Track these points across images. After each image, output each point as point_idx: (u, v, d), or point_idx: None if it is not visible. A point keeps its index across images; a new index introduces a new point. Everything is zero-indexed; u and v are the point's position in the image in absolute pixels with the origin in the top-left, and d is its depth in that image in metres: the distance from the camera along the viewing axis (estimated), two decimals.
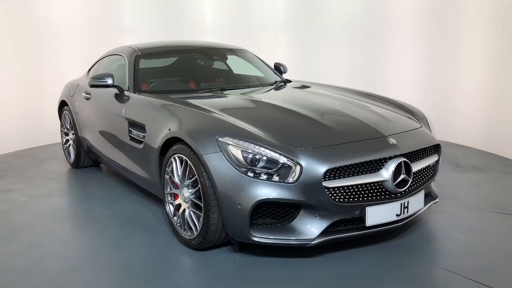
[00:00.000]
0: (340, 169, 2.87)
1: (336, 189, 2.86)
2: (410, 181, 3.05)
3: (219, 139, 2.95)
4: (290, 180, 2.82)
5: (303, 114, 3.35)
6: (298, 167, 2.83)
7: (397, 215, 3.02)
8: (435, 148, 3.43)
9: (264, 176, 2.83)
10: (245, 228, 2.86)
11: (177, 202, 3.29)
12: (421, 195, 3.19)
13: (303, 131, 3.14)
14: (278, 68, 5.10)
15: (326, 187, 2.82)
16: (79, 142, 5.09)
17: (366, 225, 2.94)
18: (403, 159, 3.01)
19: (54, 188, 4.66)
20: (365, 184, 2.93)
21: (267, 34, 7.56)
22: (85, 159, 5.19)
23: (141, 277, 2.86)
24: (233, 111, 3.43)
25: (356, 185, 2.90)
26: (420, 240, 3.27)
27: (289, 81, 4.82)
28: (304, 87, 4.50)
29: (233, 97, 3.87)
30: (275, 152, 2.86)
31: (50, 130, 6.62)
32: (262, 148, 2.88)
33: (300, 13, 7.59)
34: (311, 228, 2.88)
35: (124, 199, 4.24)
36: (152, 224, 3.64)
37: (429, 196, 3.46)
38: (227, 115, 3.28)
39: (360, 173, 2.92)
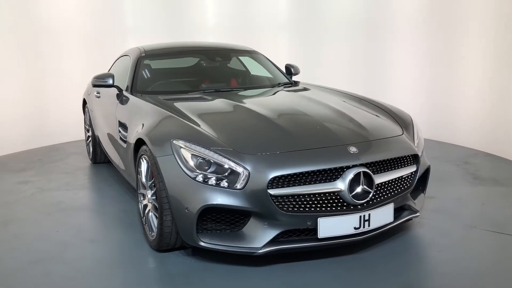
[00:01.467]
0: (289, 177, 2.77)
1: (284, 197, 2.76)
2: (372, 193, 2.87)
3: (173, 142, 2.95)
4: (238, 186, 2.76)
5: (273, 121, 3.25)
6: (245, 173, 2.76)
7: (355, 228, 2.85)
8: (414, 159, 3.20)
9: (213, 181, 2.79)
10: (193, 232, 2.84)
11: (144, 202, 3.33)
12: (388, 208, 2.99)
13: (264, 137, 3.06)
14: (289, 70, 5.01)
15: (272, 195, 2.73)
16: (95, 139, 5.32)
17: (319, 237, 2.81)
18: (362, 169, 2.84)
19: (64, 182, 4.90)
20: (318, 193, 2.80)
21: (269, 35, 7.52)
22: (100, 155, 5.41)
23: (94, 272, 2.94)
24: (205, 115, 3.39)
25: (307, 194, 2.78)
26: (389, 255, 3.06)
27: (295, 83, 4.70)
28: (301, 90, 4.37)
29: (217, 101, 3.81)
30: (223, 157, 2.82)
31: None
32: (212, 153, 2.84)
33: (301, 14, 7.63)
34: (259, 236, 2.80)
35: (123, 196, 4.37)
36: (134, 223, 3.72)
37: (409, 210, 3.24)
38: (197, 118, 3.27)
39: (313, 182, 2.80)
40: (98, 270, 2.99)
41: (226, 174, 2.79)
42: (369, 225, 2.89)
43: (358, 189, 2.83)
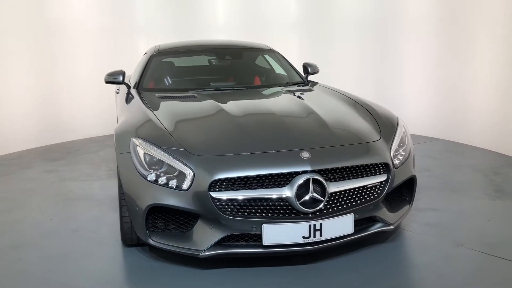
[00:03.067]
0: (232, 180, 2.71)
1: (228, 201, 2.71)
2: (323, 202, 2.73)
3: (132, 139, 3.01)
4: (184, 187, 2.76)
5: (240, 123, 3.19)
6: (191, 175, 2.75)
7: (304, 238, 2.73)
8: (385, 168, 2.98)
9: (163, 181, 2.81)
10: (143, 230, 2.88)
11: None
12: (346, 219, 2.82)
13: (221, 139, 3.03)
14: (306, 69, 4.87)
15: (214, 198, 2.70)
16: None
17: (264, 244, 2.72)
18: (312, 176, 2.71)
19: (86, 173, 5.18)
20: (265, 199, 2.71)
21: (278, 34, 7.39)
22: None
23: (58, 261, 3.09)
24: (180, 115, 3.40)
25: (252, 199, 2.71)
26: (348, 268, 2.89)
27: (307, 83, 4.56)
28: (305, 90, 4.23)
29: (205, 102, 3.73)
30: (173, 157, 2.83)
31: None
32: (163, 153, 2.86)
33: (311, 13, 7.60)
34: (205, 239, 2.78)
35: None
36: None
37: (382, 222, 3.03)
38: (169, 118, 3.29)
39: (260, 187, 2.72)
40: (64, 259, 3.13)
41: (175, 174, 2.80)
42: (320, 235, 2.75)
43: (307, 197, 2.70)
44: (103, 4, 7.25)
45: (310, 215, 2.74)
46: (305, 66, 4.89)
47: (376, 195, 2.95)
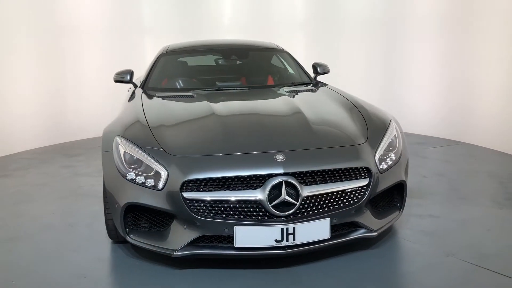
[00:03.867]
0: (205, 181, 2.70)
1: (200, 201, 2.71)
2: (296, 205, 2.68)
3: (116, 138, 3.06)
4: (159, 186, 2.78)
5: (223, 124, 3.18)
6: (165, 174, 2.77)
7: (277, 241, 2.69)
8: (367, 172, 2.89)
9: (141, 180, 2.84)
10: (121, 227, 2.93)
11: None
12: (322, 223, 2.76)
13: (200, 140, 3.04)
14: (315, 68, 4.80)
15: (186, 199, 2.70)
16: None
17: (235, 246, 2.71)
18: (285, 178, 2.66)
19: (98, 169, 5.28)
20: (237, 201, 2.69)
21: (285, 34, 7.30)
22: None
23: (46, 255, 3.19)
24: (168, 115, 3.43)
25: (225, 200, 2.69)
26: (326, 274, 2.83)
27: (314, 83, 4.48)
28: (307, 91, 4.17)
29: (200, 103, 3.72)
30: (150, 156, 2.85)
31: None
32: (142, 152, 2.90)
33: (318, 13, 7.57)
34: (179, 239, 2.79)
35: None
36: None
37: (364, 228, 2.94)
38: (157, 117, 3.33)
39: (233, 188, 2.70)
40: (50, 253, 3.22)
41: (152, 174, 2.82)
42: (294, 239, 2.70)
43: (279, 200, 2.66)
44: (111, 3, 7.31)
45: (283, 218, 2.70)
46: (315, 66, 4.82)
47: (356, 200, 2.86)
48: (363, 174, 2.88)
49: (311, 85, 4.41)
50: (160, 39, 6.62)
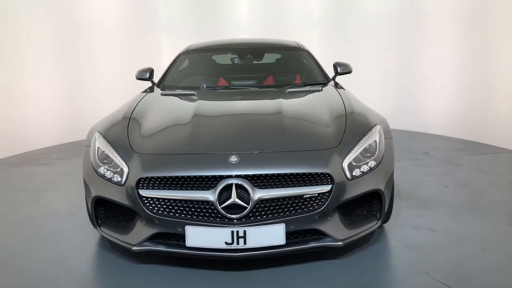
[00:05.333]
0: (159, 179, 2.74)
1: (154, 199, 2.76)
2: (248, 208, 2.64)
3: (95, 134, 3.20)
4: (122, 182, 2.86)
5: (198, 124, 3.18)
6: (126, 171, 2.85)
7: (227, 244, 2.66)
8: (330, 178, 2.76)
9: (109, 175, 2.95)
10: (93, 219, 3.06)
11: None
12: (275, 228, 2.68)
13: (168, 139, 3.08)
14: (335, 68, 4.67)
15: (142, 196, 2.76)
16: None
17: (187, 245, 2.72)
18: (235, 181, 2.63)
19: None
20: (190, 201, 2.70)
21: (302, 33, 7.13)
22: None
23: (36, 239, 3.42)
24: (155, 112, 3.50)
25: (178, 199, 2.72)
26: (272, 281, 2.75)
27: (324, 83, 4.36)
28: (312, 91, 4.06)
29: (196, 102, 3.74)
30: (117, 153, 2.95)
31: None
32: (111, 149, 3.00)
33: (334, 12, 7.47)
34: (138, 234, 2.86)
35: None
36: None
37: (328, 237, 2.82)
38: (144, 114, 3.43)
39: (187, 188, 2.72)
40: (41, 239, 3.44)
41: (118, 170, 2.92)
42: (245, 243, 2.66)
43: (229, 202, 2.63)
44: (128, 3, 7.45)
45: (235, 221, 2.67)
46: (335, 66, 4.68)
47: (316, 207, 2.75)
48: (324, 180, 2.76)
49: (321, 85, 4.28)
50: (176, 39, 6.78)
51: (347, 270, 2.86)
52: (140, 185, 2.77)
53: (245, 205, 2.64)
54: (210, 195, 2.66)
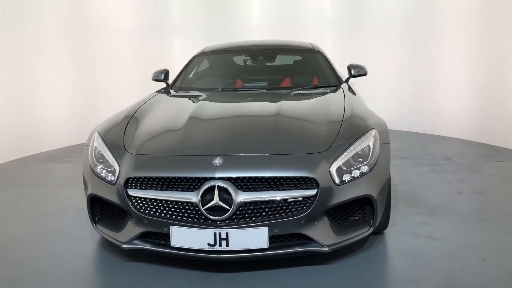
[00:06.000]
0: (146, 179, 2.79)
1: (142, 199, 2.81)
2: (230, 210, 2.64)
3: (95, 133, 3.29)
4: (114, 181, 2.93)
5: (193, 126, 3.22)
6: (117, 171, 2.92)
7: (210, 245, 2.68)
8: (315, 182, 2.72)
9: (103, 174, 3.03)
10: (90, 216, 3.15)
11: None
12: (258, 231, 2.67)
13: (159, 140, 3.12)
14: (349, 70, 4.60)
15: (130, 195, 2.82)
16: None
17: (171, 245, 2.76)
18: (217, 183, 2.64)
19: None
20: (175, 201, 2.74)
21: (314, 34, 7.01)
22: None
23: (41, 234, 3.56)
24: (155, 113, 3.57)
25: (164, 200, 2.76)
26: (256, 283, 2.74)
27: (335, 86, 4.31)
28: (307, 94, 4.02)
29: (199, 103, 3.79)
30: (111, 153, 3.03)
31: None
32: (106, 148, 3.08)
33: (347, 13, 7.44)
34: (128, 232, 2.92)
35: None
36: None
37: (314, 242, 2.79)
38: (145, 114, 3.51)
39: (172, 189, 2.75)
40: (45, 233, 3.58)
41: (111, 169, 2.99)
42: (227, 245, 2.67)
43: (211, 204, 2.65)
44: (142, 6, 7.49)
45: (218, 222, 2.68)
46: (349, 68, 4.61)
47: (301, 211, 2.71)
48: (309, 185, 2.72)
49: (332, 88, 4.22)
50: (188, 40, 6.82)
51: (335, 276, 2.82)
52: (129, 184, 2.83)
53: (228, 207, 2.65)
54: (194, 197, 2.69)
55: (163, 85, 4.79)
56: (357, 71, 4.56)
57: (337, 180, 2.79)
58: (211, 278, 2.82)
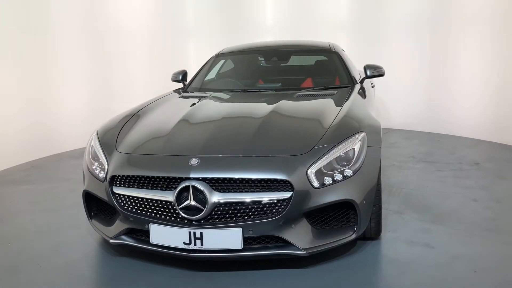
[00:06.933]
0: (128, 177, 2.89)
1: (125, 196, 2.91)
2: (204, 210, 2.69)
3: (94, 132, 3.44)
4: (103, 179, 3.06)
5: (185, 126, 3.31)
6: (106, 168, 3.04)
7: (185, 244, 2.74)
8: (290, 185, 2.70)
9: (96, 171, 3.17)
10: (86, 212, 3.30)
11: None
12: (232, 232, 2.70)
13: (149, 139, 3.20)
14: (365, 71, 4.52)
15: (115, 193, 2.94)
16: None
17: (151, 242, 2.84)
18: (192, 183, 2.70)
19: None
20: (153, 200, 2.82)
21: (328, 35, 6.80)
22: None
23: (48, 224, 3.77)
24: (155, 112, 3.69)
25: (145, 198, 2.85)
26: (230, 283, 2.76)
27: (347, 87, 4.25)
28: (312, 95, 3.99)
29: (201, 102, 3.93)
30: (103, 151, 3.16)
31: None
32: (99, 146, 3.22)
33: (362, 14, 7.35)
34: (116, 228, 3.04)
35: None
36: None
37: (291, 245, 2.77)
38: (144, 113, 3.65)
39: (152, 188, 2.84)
40: (52, 225, 3.79)
41: (102, 167, 3.12)
42: (202, 244, 2.72)
43: (185, 203, 2.70)
44: (156, 8, 7.53)
45: (194, 222, 2.73)
46: (365, 69, 4.52)
47: (276, 213, 2.71)
48: (284, 187, 2.71)
49: (342, 89, 4.16)
50: (202, 41, 6.87)
51: (311, 280, 2.79)
52: (114, 182, 2.94)
53: (202, 207, 2.69)
54: (170, 196, 2.75)
55: (179, 85, 4.91)
56: (373, 71, 4.46)
57: (315, 184, 2.75)
58: (188, 276, 2.87)
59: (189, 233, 2.72)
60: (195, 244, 2.73)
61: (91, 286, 2.86)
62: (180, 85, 4.93)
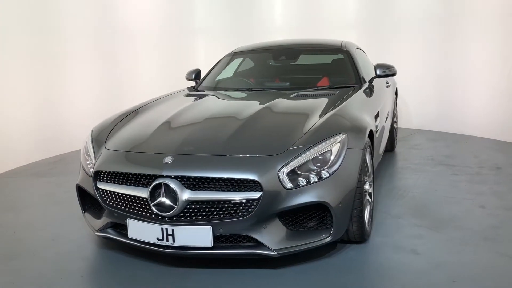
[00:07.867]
0: (110, 173, 2.99)
1: (107, 192, 3.02)
2: (175, 208, 2.74)
3: (90, 130, 3.58)
4: (90, 174, 3.19)
5: (163, 124, 3.37)
6: (93, 164, 3.16)
7: (158, 239, 2.81)
8: (259, 186, 2.70)
9: (88, 167, 3.30)
10: (80, 205, 3.45)
11: None
12: (202, 230, 2.73)
13: (135, 137, 3.28)
14: (375, 70, 4.43)
15: (98, 188, 3.05)
16: None
17: (128, 236, 2.93)
18: (163, 180, 2.75)
19: None
20: (131, 196, 2.91)
21: (338, 34, 6.60)
22: None
23: (50, 216, 3.96)
24: (152, 111, 3.78)
25: (124, 194, 2.94)
26: (205, 280, 2.80)
27: (353, 87, 4.18)
28: (312, 95, 3.95)
29: (202, 99, 4.02)
30: (92, 148, 3.29)
31: None
32: (90, 144, 3.35)
33: (371, 13, 7.29)
34: (102, 221, 3.16)
35: None
36: None
37: (262, 245, 2.78)
38: (141, 112, 3.76)
39: (131, 184, 2.93)
40: (55, 217, 3.99)
41: (92, 163, 3.24)
42: (173, 241, 2.78)
43: (158, 200, 2.77)
44: (166, 7, 7.55)
45: (166, 219, 2.79)
46: (375, 68, 4.43)
47: (245, 213, 2.72)
48: (254, 188, 2.71)
49: (343, 88, 4.10)
50: (211, 41, 6.89)
51: (281, 281, 2.79)
52: (99, 177, 3.06)
53: (173, 204, 2.75)
54: (145, 193, 2.83)
55: (188, 83, 5.00)
56: (383, 71, 4.36)
57: (288, 185, 2.74)
58: (162, 272, 2.94)
59: (162, 229, 2.78)
60: (167, 240, 2.79)
61: (74, 276, 2.98)
62: (192, 83, 5.02)
